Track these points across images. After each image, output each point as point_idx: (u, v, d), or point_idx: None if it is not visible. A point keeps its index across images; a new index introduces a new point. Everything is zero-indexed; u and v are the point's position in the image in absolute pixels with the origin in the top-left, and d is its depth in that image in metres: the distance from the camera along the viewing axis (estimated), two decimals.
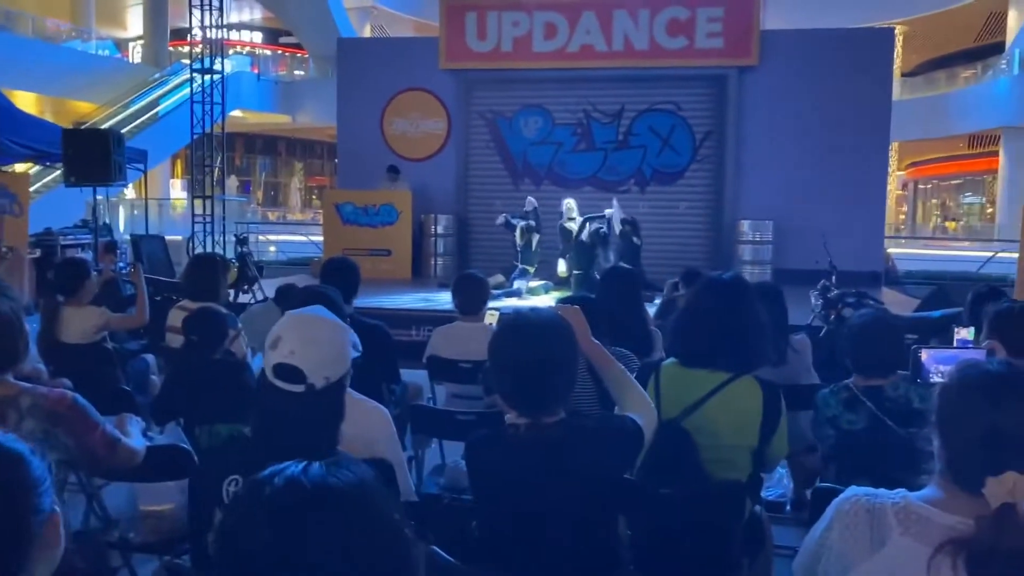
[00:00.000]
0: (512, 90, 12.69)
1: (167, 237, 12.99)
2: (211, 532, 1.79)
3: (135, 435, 2.50)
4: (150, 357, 5.26)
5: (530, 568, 1.98)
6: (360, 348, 2.36)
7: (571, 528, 2.02)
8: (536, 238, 10.23)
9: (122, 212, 20.89)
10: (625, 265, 5.35)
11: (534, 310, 2.17)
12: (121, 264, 10.27)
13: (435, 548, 1.96)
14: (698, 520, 2.52)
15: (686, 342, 2.70)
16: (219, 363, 3.32)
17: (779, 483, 4.17)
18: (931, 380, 1.95)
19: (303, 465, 1.08)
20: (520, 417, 2.05)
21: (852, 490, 1.60)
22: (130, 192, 21.53)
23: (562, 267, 10.13)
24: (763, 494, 3.21)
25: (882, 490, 1.58)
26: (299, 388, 1.79)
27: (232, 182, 30.44)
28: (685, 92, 12.30)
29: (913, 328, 5.33)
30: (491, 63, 12.53)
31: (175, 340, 4.19)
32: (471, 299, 4.41)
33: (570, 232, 9.94)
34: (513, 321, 2.14)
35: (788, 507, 4.05)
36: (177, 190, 28.71)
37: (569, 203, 10.33)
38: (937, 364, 1.94)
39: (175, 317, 4.35)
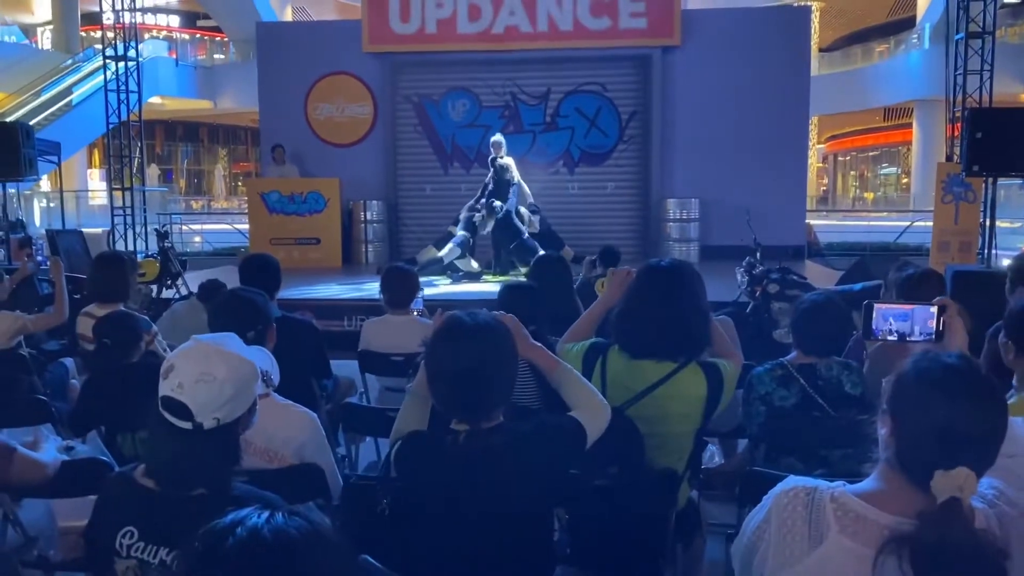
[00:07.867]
0: (438, 73, 12.55)
1: (86, 230, 12.49)
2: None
3: (48, 449, 2.40)
4: (69, 361, 5.04)
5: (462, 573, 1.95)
6: (275, 378, 2.31)
7: (506, 532, 1.98)
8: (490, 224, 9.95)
9: (37, 205, 20.08)
10: (552, 253, 5.36)
11: (470, 315, 2.08)
12: (40, 258, 9.86)
13: (367, 558, 1.92)
14: (633, 510, 2.54)
15: (631, 334, 2.67)
16: (139, 366, 3.19)
17: (711, 460, 4.23)
18: (878, 337, 1.98)
19: (266, 515, 1.09)
20: (460, 423, 2.01)
21: (791, 480, 1.57)
22: (45, 184, 20.67)
23: (475, 264, 10.01)
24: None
25: (820, 481, 1.55)
26: (186, 425, 1.72)
27: (153, 171, 29.53)
28: (610, 73, 12.36)
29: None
30: (415, 45, 12.35)
31: (87, 348, 4.03)
32: (399, 293, 4.36)
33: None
34: (448, 328, 2.06)
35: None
36: (96, 180, 27.63)
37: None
38: (887, 319, 1.96)
39: (83, 325, 4.16)
